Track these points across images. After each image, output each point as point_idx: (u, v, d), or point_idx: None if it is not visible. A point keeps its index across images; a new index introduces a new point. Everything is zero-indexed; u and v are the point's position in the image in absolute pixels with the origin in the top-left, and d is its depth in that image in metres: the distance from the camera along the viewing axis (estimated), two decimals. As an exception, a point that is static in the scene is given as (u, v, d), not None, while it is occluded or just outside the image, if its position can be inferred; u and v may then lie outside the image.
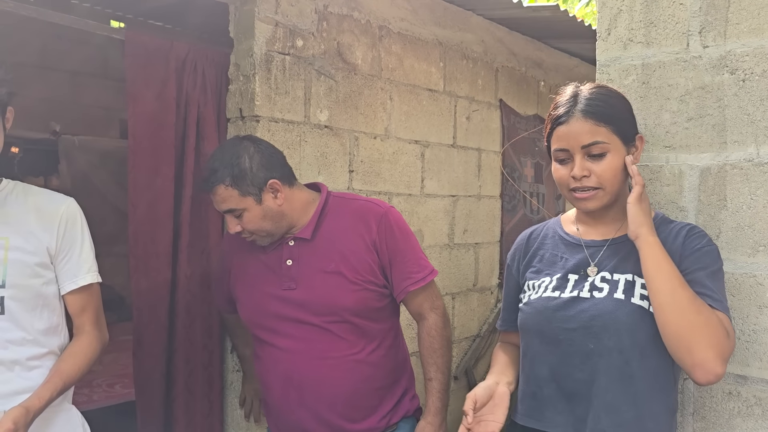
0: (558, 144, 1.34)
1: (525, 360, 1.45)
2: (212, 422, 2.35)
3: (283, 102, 2.42)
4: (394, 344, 1.81)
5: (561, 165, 1.35)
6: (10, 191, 1.51)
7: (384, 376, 1.76)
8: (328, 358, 1.69)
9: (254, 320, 1.79)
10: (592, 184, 1.32)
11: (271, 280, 1.74)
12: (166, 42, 2.24)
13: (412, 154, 3.06)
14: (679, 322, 1.20)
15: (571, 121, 1.32)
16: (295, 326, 1.71)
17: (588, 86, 1.37)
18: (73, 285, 1.53)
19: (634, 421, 1.28)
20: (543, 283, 1.42)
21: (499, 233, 3.73)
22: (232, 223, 1.70)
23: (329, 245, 1.73)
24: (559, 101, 1.37)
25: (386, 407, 1.76)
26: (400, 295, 1.76)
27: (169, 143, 2.23)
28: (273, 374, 1.74)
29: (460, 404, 3.77)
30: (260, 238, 1.73)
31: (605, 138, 1.31)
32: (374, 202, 1.82)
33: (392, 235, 1.74)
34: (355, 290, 1.70)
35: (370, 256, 1.72)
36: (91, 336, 1.56)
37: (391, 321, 1.82)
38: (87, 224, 1.58)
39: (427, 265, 1.79)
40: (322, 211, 1.77)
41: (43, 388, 1.41)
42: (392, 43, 2.92)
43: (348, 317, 1.70)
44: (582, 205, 1.35)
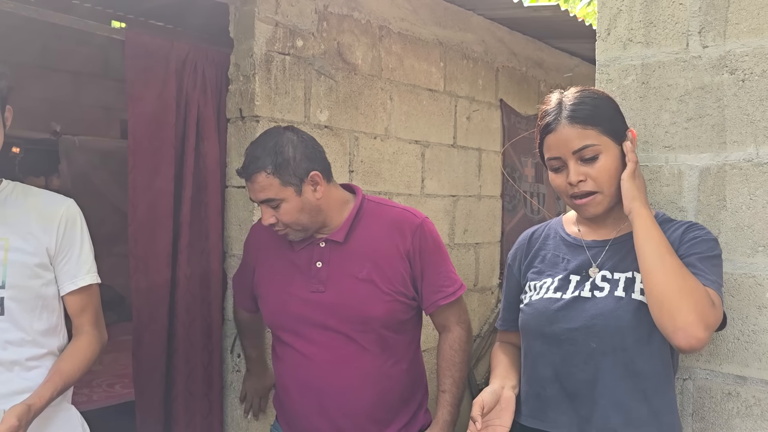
0: (550, 153, 1.35)
1: (527, 361, 1.45)
2: (212, 422, 2.35)
3: (283, 102, 2.42)
4: (414, 358, 1.79)
5: (556, 173, 1.36)
6: (10, 192, 1.51)
7: (403, 390, 1.74)
8: (350, 367, 1.66)
9: (277, 322, 1.75)
10: (589, 188, 1.32)
11: (298, 281, 1.70)
12: (166, 42, 2.24)
13: (413, 154, 3.06)
14: (664, 286, 1.20)
15: (559, 128, 1.32)
16: (320, 332, 1.67)
17: (572, 91, 1.37)
18: (72, 286, 1.54)
19: (648, 417, 1.28)
20: (544, 284, 1.42)
21: (499, 233, 3.73)
22: (268, 214, 1.64)
23: (362, 251, 1.69)
24: (545, 110, 1.37)
25: (402, 421, 1.74)
26: (430, 308, 1.73)
27: (169, 143, 2.23)
28: (293, 378, 1.71)
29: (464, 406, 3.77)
30: (293, 232, 1.68)
31: (595, 140, 1.31)
32: (411, 212, 1.77)
33: (426, 246, 1.71)
34: (387, 301, 1.66)
35: (403, 266, 1.68)
36: (91, 336, 1.56)
37: (413, 334, 1.80)
38: (86, 225, 1.58)
39: (457, 279, 1.77)
40: (357, 214, 1.72)
41: (43, 388, 1.41)
42: (392, 43, 2.92)
43: (376, 327, 1.67)
44: (584, 211, 1.35)
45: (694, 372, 1.44)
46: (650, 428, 1.28)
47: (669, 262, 1.22)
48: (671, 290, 1.19)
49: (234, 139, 2.42)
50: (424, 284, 1.71)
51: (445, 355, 1.75)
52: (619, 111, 1.39)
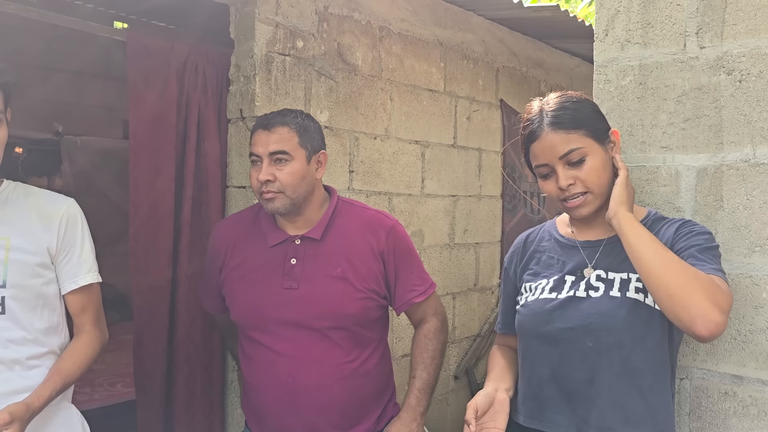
0: (537, 160, 1.36)
1: (525, 362, 1.45)
2: (212, 421, 2.36)
3: (284, 103, 2.43)
4: (384, 353, 1.82)
5: (545, 180, 1.37)
6: (11, 192, 1.52)
7: (374, 385, 1.76)
8: (323, 364, 1.67)
9: (248, 320, 1.74)
10: (579, 190, 1.33)
11: (271, 278, 1.70)
12: (167, 43, 2.25)
13: (413, 154, 3.07)
14: (669, 279, 1.19)
15: (543, 135, 1.34)
16: (292, 329, 1.68)
17: (551, 98, 1.39)
18: (73, 285, 1.54)
19: (644, 415, 1.29)
20: (540, 285, 1.43)
21: (499, 233, 3.74)
22: (268, 169, 1.64)
23: (337, 249, 1.71)
24: (527, 119, 1.39)
25: (374, 415, 1.75)
26: (403, 307, 1.77)
27: (170, 144, 2.24)
28: (265, 377, 1.71)
29: (461, 404, 3.77)
30: (282, 200, 1.65)
31: (580, 143, 1.32)
32: (383, 214, 1.82)
33: (400, 247, 1.76)
34: (360, 298, 1.69)
35: (377, 265, 1.72)
36: (92, 335, 1.57)
37: (383, 331, 1.83)
38: (87, 224, 1.59)
39: (428, 278, 1.83)
40: (333, 213, 1.76)
41: (42, 387, 1.42)
42: (393, 44, 2.93)
43: (349, 325, 1.69)
44: (576, 213, 1.36)
45: (690, 371, 1.45)
46: (646, 426, 1.29)
47: (667, 257, 1.22)
48: (677, 282, 1.18)
49: (234, 139, 2.43)
50: (398, 283, 1.76)
51: (418, 343, 1.80)
52: (599, 112, 1.40)
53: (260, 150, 1.66)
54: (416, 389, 1.74)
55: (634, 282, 1.31)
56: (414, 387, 1.75)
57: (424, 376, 1.75)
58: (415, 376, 1.76)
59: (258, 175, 1.65)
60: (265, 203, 1.68)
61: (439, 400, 3.38)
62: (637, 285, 1.30)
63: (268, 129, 1.66)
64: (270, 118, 1.69)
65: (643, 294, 1.29)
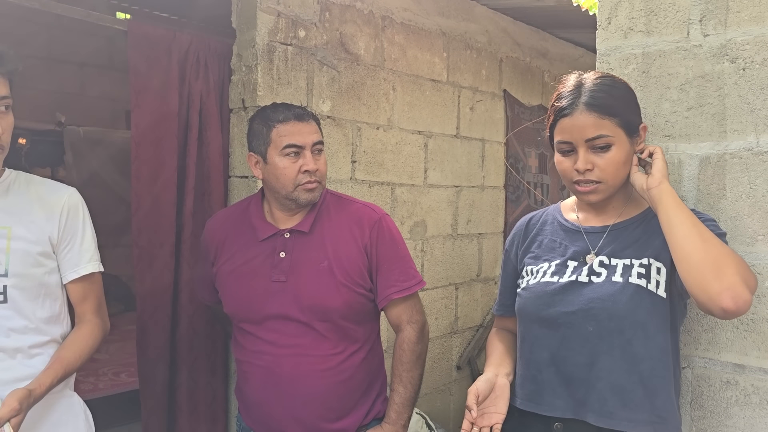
0: (561, 136, 1.33)
1: (524, 345, 1.45)
2: (216, 410, 2.38)
3: (286, 92, 2.42)
4: (373, 347, 1.81)
5: (564, 157, 1.35)
6: (13, 181, 1.52)
7: (362, 379, 1.76)
8: (310, 356, 1.69)
9: (240, 314, 1.76)
10: (594, 178, 1.31)
11: (260, 271, 1.72)
12: (168, 32, 2.25)
13: (416, 144, 3.06)
14: (706, 249, 1.17)
15: (575, 113, 1.31)
16: (281, 321, 1.69)
17: (592, 76, 1.35)
18: (74, 274, 1.55)
19: (642, 401, 1.28)
20: (541, 269, 1.43)
21: (502, 224, 3.73)
22: (314, 160, 1.70)
23: (323, 242, 1.73)
24: (561, 92, 1.35)
25: (362, 410, 1.76)
26: (383, 302, 1.76)
27: (172, 134, 2.24)
28: (254, 366, 1.73)
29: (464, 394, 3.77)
30: (320, 189, 1.73)
31: (609, 131, 1.30)
32: (370, 207, 1.81)
33: (383, 241, 1.75)
34: (344, 292, 1.70)
35: (362, 259, 1.72)
36: (93, 324, 1.58)
37: (372, 325, 1.82)
38: (89, 214, 1.59)
39: (414, 275, 1.78)
40: (321, 205, 1.77)
41: (44, 375, 1.42)
42: (395, 34, 2.92)
43: (334, 318, 1.70)
44: (585, 198, 1.35)
45: (692, 360, 1.44)
46: (643, 411, 1.29)
47: (705, 230, 1.21)
48: (713, 253, 1.17)
49: (237, 129, 2.42)
50: (379, 278, 1.74)
51: (395, 355, 1.77)
52: (636, 103, 1.38)
53: (303, 140, 1.69)
54: (396, 404, 1.74)
55: (637, 268, 1.30)
56: (393, 402, 1.74)
57: (401, 390, 1.74)
58: (394, 389, 1.75)
59: (303, 165, 1.68)
60: (304, 195, 1.70)
61: (442, 390, 3.39)
62: (639, 270, 1.30)
63: (305, 120, 1.70)
64: (298, 111, 1.72)
65: (645, 280, 1.29)
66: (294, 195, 1.70)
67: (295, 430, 1.70)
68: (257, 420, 1.76)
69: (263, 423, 1.75)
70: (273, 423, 1.72)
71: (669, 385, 1.31)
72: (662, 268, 1.30)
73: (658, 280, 1.29)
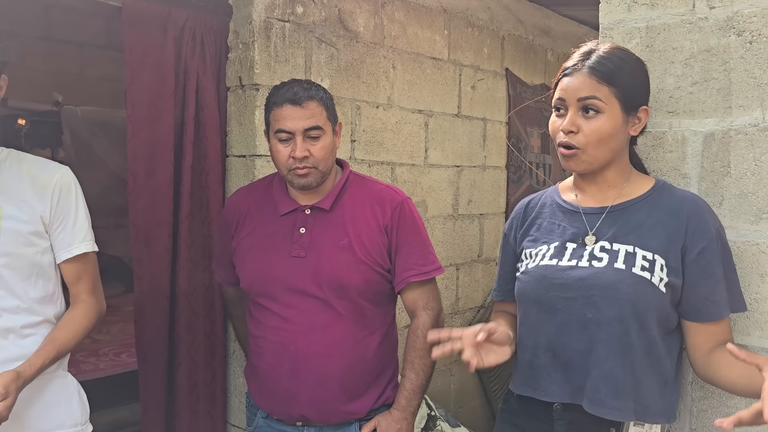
0: (559, 93, 1.33)
1: (522, 329, 1.44)
2: (215, 390, 2.37)
3: (283, 70, 2.39)
4: (388, 332, 1.80)
5: (557, 116, 1.35)
6: (4, 159, 1.50)
7: (376, 363, 1.75)
8: (326, 333, 1.68)
9: (256, 286, 1.75)
10: (575, 143, 1.30)
11: (280, 246, 1.72)
12: (163, 9, 2.20)
13: (416, 123, 3.03)
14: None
15: (576, 74, 1.31)
16: (298, 297, 1.69)
17: (606, 46, 1.34)
18: (67, 254, 1.53)
19: (631, 390, 1.28)
20: (540, 252, 1.40)
21: (504, 204, 3.70)
22: (303, 146, 1.64)
23: (344, 221, 1.72)
24: (573, 55, 1.35)
25: (373, 394, 1.75)
26: (400, 285, 1.75)
27: (168, 112, 2.21)
28: (268, 341, 1.73)
29: (464, 374, 3.76)
30: (315, 175, 1.68)
31: (603, 97, 1.28)
32: (393, 189, 1.81)
33: (404, 223, 1.74)
34: (364, 270, 1.69)
35: (381, 238, 1.72)
36: (87, 305, 1.56)
37: (389, 308, 1.82)
38: (82, 193, 1.57)
39: (434, 261, 1.78)
40: (344, 185, 1.76)
41: (35, 356, 1.41)
42: (395, 10, 2.87)
43: (353, 295, 1.69)
44: (565, 163, 1.35)
45: (694, 341, 1.42)
46: (628, 400, 1.28)
47: None
48: None
49: (234, 107, 2.39)
50: (397, 260, 1.73)
51: (408, 341, 1.77)
52: (646, 84, 1.35)
53: (293, 126, 1.65)
54: (406, 390, 1.73)
55: (640, 259, 1.28)
56: (404, 388, 1.74)
57: (412, 377, 1.73)
58: (405, 375, 1.75)
59: (291, 151, 1.65)
60: (297, 179, 1.68)
61: (443, 371, 3.38)
62: (643, 263, 1.27)
63: (299, 104, 1.65)
64: (297, 93, 1.66)
65: (649, 273, 1.27)
66: (288, 178, 1.70)
67: (307, 408, 1.70)
68: (268, 397, 1.76)
69: (274, 400, 1.74)
70: (284, 400, 1.72)
71: (653, 375, 1.30)
72: (664, 265, 1.28)
73: (660, 276, 1.27)
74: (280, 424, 1.76)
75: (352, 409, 1.72)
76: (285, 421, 1.75)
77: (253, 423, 1.84)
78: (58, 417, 1.50)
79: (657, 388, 1.30)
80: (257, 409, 1.81)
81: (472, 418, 3.53)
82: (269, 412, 1.77)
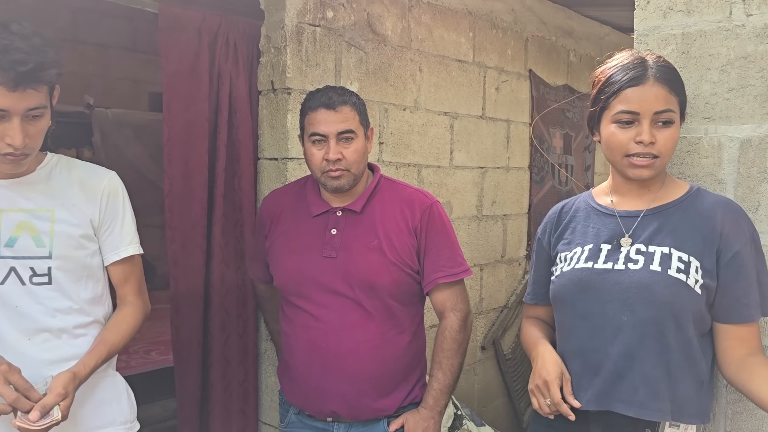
0: (626, 106, 1.32)
1: (556, 334, 1.46)
2: (247, 388, 2.42)
3: (314, 74, 2.42)
4: (417, 332, 1.84)
5: (622, 127, 1.33)
6: (54, 165, 1.55)
7: (405, 361, 1.79)
8: (356, 332, 1.72)
9: (289, 284, 1.80)
10: (655, 152, 1.31)
11: (312, 246, 1.77)
12: (198, 14, 2.25)
13: (441, 125, 3.05)
14: None
15: (646, 84, 1.31)
16: (329, 296, 1.73)
17: (650, 53, 1.36)
18: (115, 256, 1.58)
19: (667, 390, 1.30)
20: (575, 255, 1.42)
21: (527, 205, 3.72)
22: (336, 148, 1.70)
23: (375, 223, 1.76)
24: (622, 64, 1.35)
25: (402, 392, 1.79)
26: (429, 286, 1.78)
27: (202, 116, 2.25)
28: (300, 339, 1.78)
29: (488, 374, 3.78)
30: (348, 177, 1.73)
31: (674, 108, 1.32)
32: (423, 193, 1.85)
33: (434, 226, 1.78)
34: (394, 270, 1.73)
35: (411, 240, 1.76)
36: (134, 306, 1.61)
37: (418, 308, 1.86)
38: (128, 197, 1.62)
39: (462, 263, 1.81)
40: (375, 188, 1.81)
41: (88, 356, 1.46)
42: (422, 14, 2.89)
43: (383, 296, 1.73)
44: (638, 172, 1.34)
45: (729, 344, 1.44)
46: (664, 400, 1.30)
47: None
48: None
49: (266, 111, 2.43)
50: (426, 261, 1.77)
51: (437, 342, 1.80)
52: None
53: (327, 129, 1.70)
54: (434, 390, 1.77)
55: (676, 261, 1.30)
56: (432, 387, 1.77)
57: (440, 376, 1.77)
58: (433, 375, 1.78)
59: (325, 154, 1.70)
60: (330, 181, 1.73)
61: (467, 370, 3.41)
62: (678, 265, 1.29)
63: (334, 109, 1.71)
64: (331, 98, 1.72)
65: (684, 274, 1.29)
66: (322, 180, 1.75)
67: (338, 405, 1.74)
68: (300, 394, 1.80)
69: (306, 397, 1.79)
70: (316, 397, 1.76)
71: (689, 376, 1.32)
72: (699, 267, 1.30)
73: (696, 278, 1.29)
74: (311, 419, 1.81)
75: (381, 406, 1.76)
76: (316, 417, 1.80)
77: (286, 419, 1.89)
78: (109, 415, 1.55)
79: (693, 388, 1.32)
80: (289, 405, 1.86)
81: (496, 417, 3.56)
82: (301, 408, 1.82)
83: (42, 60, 1.34)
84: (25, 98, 1.34)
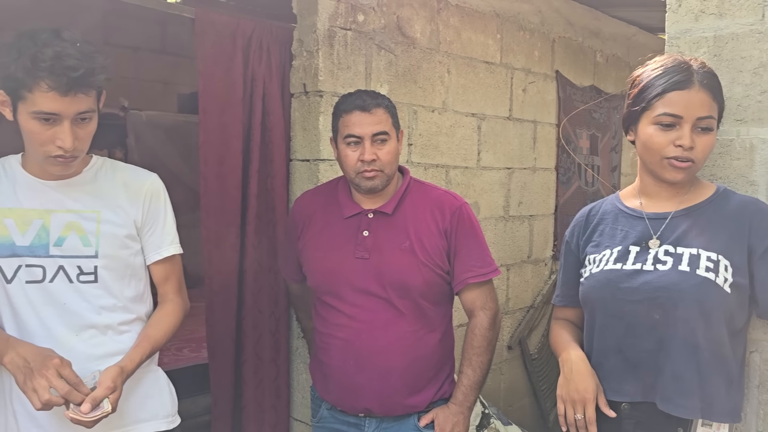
0: (670, 108, 1.33)
1: (589, 333, 1.48)
2: (279, 385, 2.47)
3: (345, 77, 2.46)
4: (447, 330, 1.88)
5: (663, 129, 1.34)
6: (100, 167, 1.60)
7: (436, 359, 1.83)
8: (388, 330, 1.77)
9: (323, 287, 1.85)
10: (693, 157, 1.33)
11: (345, 247, 1.81)
12: (233, 20, 2.30)
13: (469, 127, 3.08)
14: None
15: (693, 89, 1.32)
16: (362, 295, 1.78)
17: (695, 60, 1.38)
18: (157, 256, 1.63)
19: (697, 388, 1.31)
20: (604, 257, 1.44)
21: (553, 205, 3.73)
22: (371, 149, 1.75)
23: (405, 224, 1.80)
24: (666, 66, 1.36)
25: (432, 388, 1.83)
26: (459, 286, 1.82)
27: (237, 118, 2.31)
28: (334, 337, 1.82)
29: (514, 373, 3.79)
30: (381, 178, 1.77)
31: (715, 115, 1.34)
32: (452, 195, 1.89)
33: (463, 227, 1.82)
34: (425, 271, 1.77)
35: (441, 242, 1.80)
36: (175, 303, 1.66)
37: (447, 307, 1.90)
38: (169, 199, 1.67)
39: (491, 263, 1.85)
40: (405, 190, 1.85)
41: (134, 351, 1.52)
42: (450, 16, 2.92)
43: (414, 296, 1.77)
44: (674, 175, 1.35)
45: (760, 345, 1.45)
46: (693, 398, 1.32)
47: None
48: None
49: (298, 113, 2.48)
50: (456, 261, 1.81)
51: (466, 339, 1.84)
52: None
53: (362, 131, 1.75)
54: (463, 386, 1.81)
55: (705, 261, 1.31)
56: (461, 383, 1.81)
57: (469, 373, 1.81)
58: (463, 372, 1.82)
59: (360, 155, 1.75)
60: (364, 182, 1.77)
61: (493, 369, 3.42)
62: (707, 264, 1.31)
63: (368, 111, 1.75)
64: (365, 100, 1.77)
65: (713, 273, 1.30)
66: (356, 181, 1.79)
67: (371, 401, 1.78)
68: (333, 391, 1.85)
69: (339, 394, 1.83)
70: (349, 393, 1.81)
71: (719, 374, 1.33)
72: (729, 266, 1.31)
73: (725, 276, 1.30)
74: (343, 415, 1.85)
75: (413, 403, 1.80)
76: (349, 413, 1.84)
77: (318, 414, 1.93)
78: (153, 408, 1.61)
79: (723, 387, 1.33)
80: (321, 401, 1.91)
81: (522, 416, 3.57)
82: (334, 404, 1.86)
83: (92, 66, 1.40)
84: (75, 102, 1.40)
